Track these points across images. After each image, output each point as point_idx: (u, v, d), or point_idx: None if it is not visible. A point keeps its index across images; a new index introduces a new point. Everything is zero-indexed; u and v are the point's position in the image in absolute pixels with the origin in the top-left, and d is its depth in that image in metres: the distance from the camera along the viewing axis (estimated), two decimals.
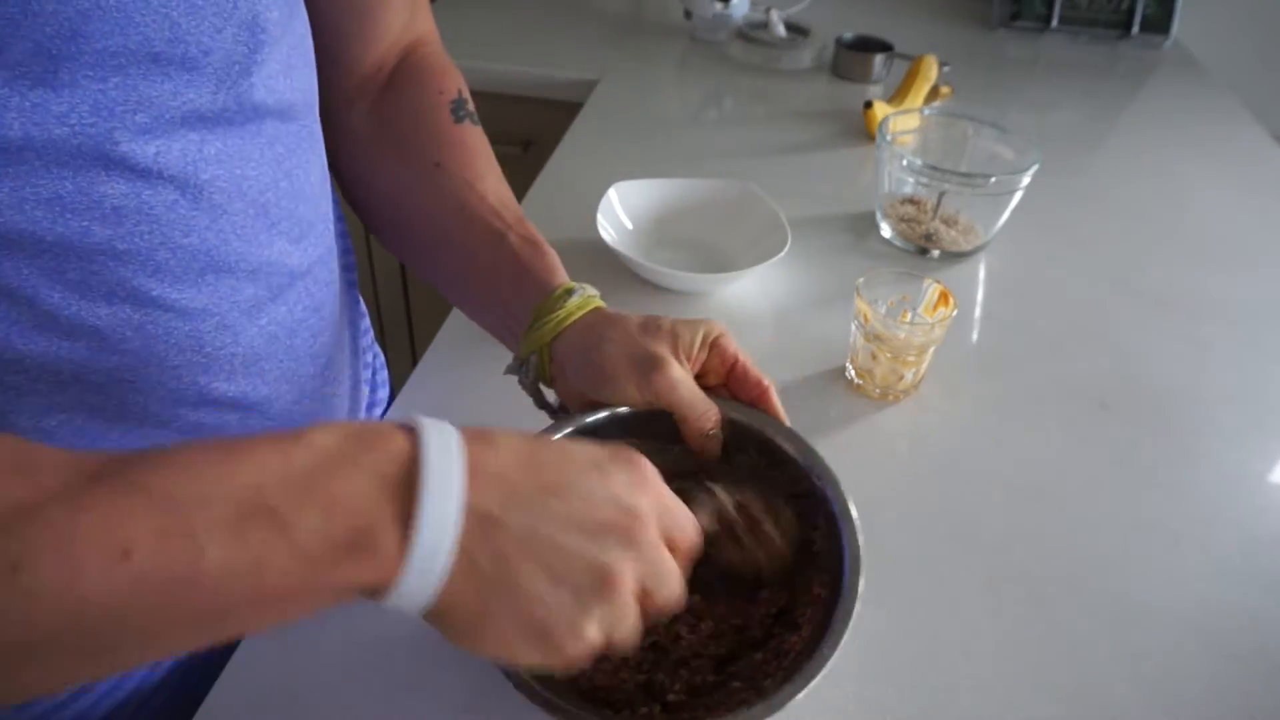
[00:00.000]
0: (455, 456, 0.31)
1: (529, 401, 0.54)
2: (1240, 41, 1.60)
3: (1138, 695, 0.50)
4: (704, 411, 0.48)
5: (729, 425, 0.50)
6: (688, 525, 0.38)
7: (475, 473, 0.31)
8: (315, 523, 0.28)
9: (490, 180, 0.56)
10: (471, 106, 0.59)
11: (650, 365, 0.47)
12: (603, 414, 0.49)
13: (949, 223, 0.87)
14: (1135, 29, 1.46)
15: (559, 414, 0.53)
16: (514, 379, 0.53)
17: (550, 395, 0.54)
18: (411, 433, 0.31)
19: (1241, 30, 1.61)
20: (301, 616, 0.30)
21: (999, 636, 0.52)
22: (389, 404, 0.71)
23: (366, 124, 0.58)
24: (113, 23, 0.33)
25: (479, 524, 0.31)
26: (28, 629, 0.24)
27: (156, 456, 0.28)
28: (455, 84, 0.59)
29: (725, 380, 0.51)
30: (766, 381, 0.50)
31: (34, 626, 0.25)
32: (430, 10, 0.62)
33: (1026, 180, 0.83)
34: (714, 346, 0.50)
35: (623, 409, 0.49)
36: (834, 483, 0.48)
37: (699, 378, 0.50)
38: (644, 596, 0.35)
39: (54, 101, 0.33)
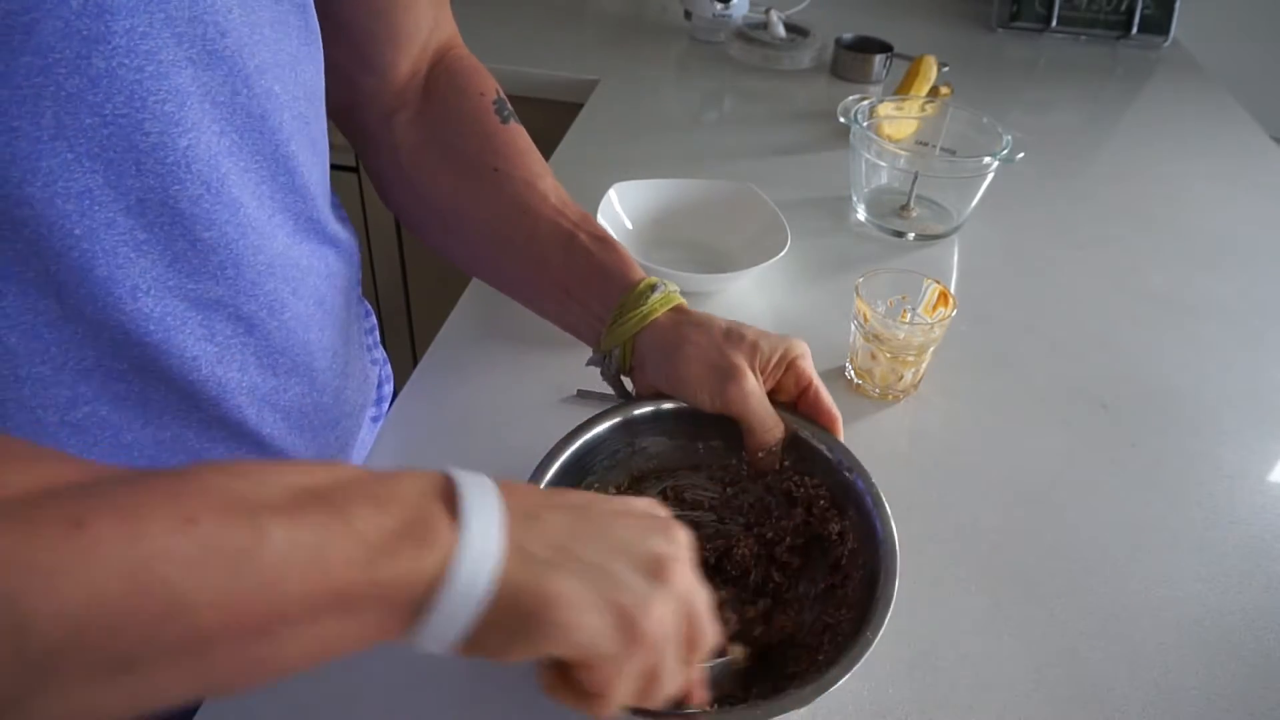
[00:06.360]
0: (483, 477, 0.32)
1: (527, 403, 0.54)
2: (1239, 42, 1.60)
3: (1138, 695, 0.50)
4: (771, 427, 0.50)
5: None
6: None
7: (506, 489, 0.32)
8: (370, 513, 0.28)
9: (548, 180, 0.57)
10: (510, 106, 0.59)
11: (726, 375, 0.48)
12: (647, 408, 0.51)
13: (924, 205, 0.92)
14: (1134, 30, 1.46)
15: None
16: (510, 379, 0.53)
17: (629, 384, 0.54)
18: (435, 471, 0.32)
19: (1241, 31, 1.61)
20: (352, 642, 0.28)
21: (998, 636, 0.52)
22: (390, 402, 0.71)
23: (412, 133, 0.57)
24: None
25: (522, 519, 0.31)
26: (86, 587, 0.23)
27: (203, 464, 0.27)
28: (491, 84, 0.59)
29: (796, 401, 0.52)
30: (836, 412, 0.51)
31: (92, 585, 0.23)
32: (450, 11, 0.62)
33: (994, 161, 0.86)
34: (790, 366, 0.50)
35: (667, 405, 0.51)
36: (864, 475, 0.49)
37: (770, 394, 0.50)
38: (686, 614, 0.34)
39: (90, 91, 0.33)
